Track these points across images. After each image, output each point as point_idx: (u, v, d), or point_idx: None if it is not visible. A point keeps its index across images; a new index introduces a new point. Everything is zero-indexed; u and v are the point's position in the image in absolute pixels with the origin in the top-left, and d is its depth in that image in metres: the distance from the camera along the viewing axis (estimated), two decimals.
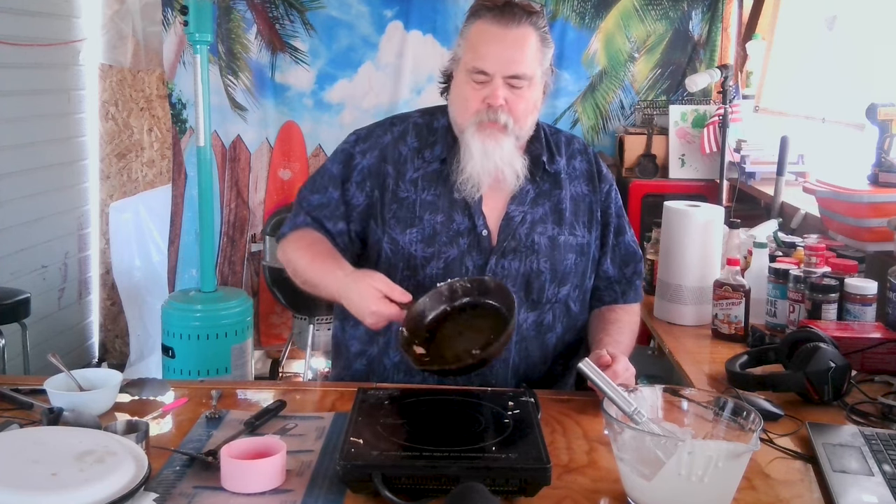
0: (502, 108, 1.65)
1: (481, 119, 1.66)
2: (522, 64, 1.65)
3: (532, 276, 1.72)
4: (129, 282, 4.29)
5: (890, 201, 2.12)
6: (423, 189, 1.75)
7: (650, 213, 3.36)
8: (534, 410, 1.36)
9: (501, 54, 1.64)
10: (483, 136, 1.66)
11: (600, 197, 1.84)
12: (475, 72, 1.65)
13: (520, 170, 1.71)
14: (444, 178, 1.74)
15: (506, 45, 1.64)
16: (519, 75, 1.64)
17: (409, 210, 1.74)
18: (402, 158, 1.77)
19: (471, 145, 1.67)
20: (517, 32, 1.65)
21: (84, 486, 1.08)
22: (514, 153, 1.70)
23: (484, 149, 1.66)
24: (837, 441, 1.36)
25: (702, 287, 2.09)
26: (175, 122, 4.15)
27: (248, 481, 1.20)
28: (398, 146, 1.78)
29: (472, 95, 1.67)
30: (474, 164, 1.67)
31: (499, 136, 1.66)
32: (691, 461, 1.11)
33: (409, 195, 1.75)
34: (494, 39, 1.64)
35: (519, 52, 1.65)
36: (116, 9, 4.17)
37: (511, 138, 1.68)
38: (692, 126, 3.85)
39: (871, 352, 1.72)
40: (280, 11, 4.07)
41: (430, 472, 1.17)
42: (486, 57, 1.64)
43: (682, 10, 4.05)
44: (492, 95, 1.64)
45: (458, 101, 1.71)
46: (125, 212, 4.28)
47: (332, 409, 1.52)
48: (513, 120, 1.66)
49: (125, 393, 1.54)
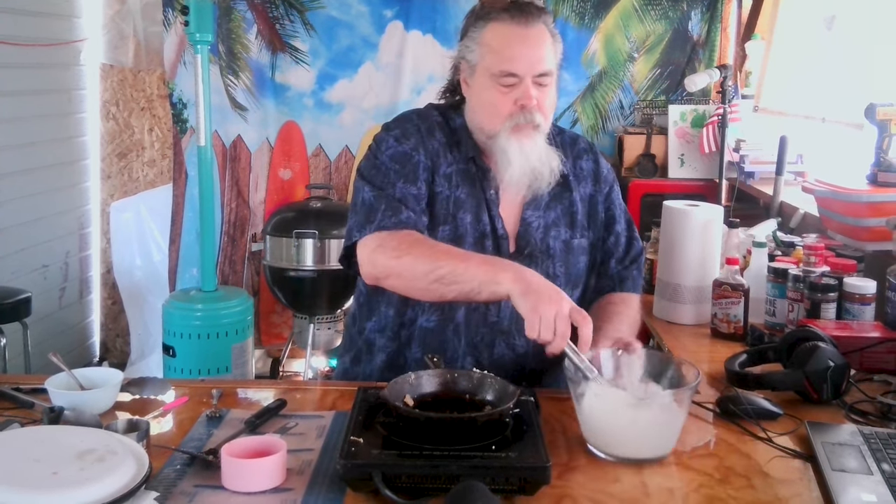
0: (535, 109, 1.64)
1: (517, 122, 1.64)
2: (546, 61, 1.64)
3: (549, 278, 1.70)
4: (129, 281, 4.30)
5: (889, 201, 2.12)
6: (456, 185, 1.71)
7: (649, 213, 3.35)
8: (534, 410, 1.36)
9: (528, 54, 1.62)
10: (520, 137, 1.64)
11: (603, 195, 1.83)
12: (503, 75, 1.63)
13: (556, 168, 1.69)
14: (472, 177, 1.72)
15: (530, 45, 1.63)
16: (546, 72, 1.64)
17: (443, 206, 1.70)
18: (435, 152, 1.72)
19: (508, 149, 1.64)
20: (536, 30, 1.64)
21: (85, 485, 1.08)
22: (550, 151, 1.69)
23: (521, 150, 1.64)
24: (836, 440, 1.36)
25: (701, 286, 2.09)
26: (176, 122, 4.15)
27: (249, 480, 1.20)
28: (430, 141, 1.72)
29: (501, 100, 1.64)
30: (513, 168, 1.65)
31: (533, 134, 1.65)
32: (600, 402, 1.32)
33: (444, 190, 1.71)
34: (518, 40, 1.63)
35: (541, 49, 1.64)
36: (117, 9, 4.17)
37: (542, 136, 1.68)
38: (691, 126, 3.85)
39: (870, 351, 1.72)
40: (280, 11, 4.07)
41: (430, 471, 1.17)
42: (513, 59, 1.62)
43: (682, 10, 4.06)
44: (524, 96, 1.62)
45: (486, 108, 1.67)
46: (126, 211, 4.29)
47: (333, 408, 1.52)
48: (543, 118, 1.66)
49: (126, 392, 1.54)
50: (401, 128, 1.74)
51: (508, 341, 1.73)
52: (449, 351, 1.72)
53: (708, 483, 1.26)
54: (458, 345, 1.72)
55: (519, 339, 1.72)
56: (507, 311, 1.70)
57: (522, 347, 1.73)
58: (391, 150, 1.70)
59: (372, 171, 1.70)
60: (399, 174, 1.67)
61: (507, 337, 1.73)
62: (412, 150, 1.69)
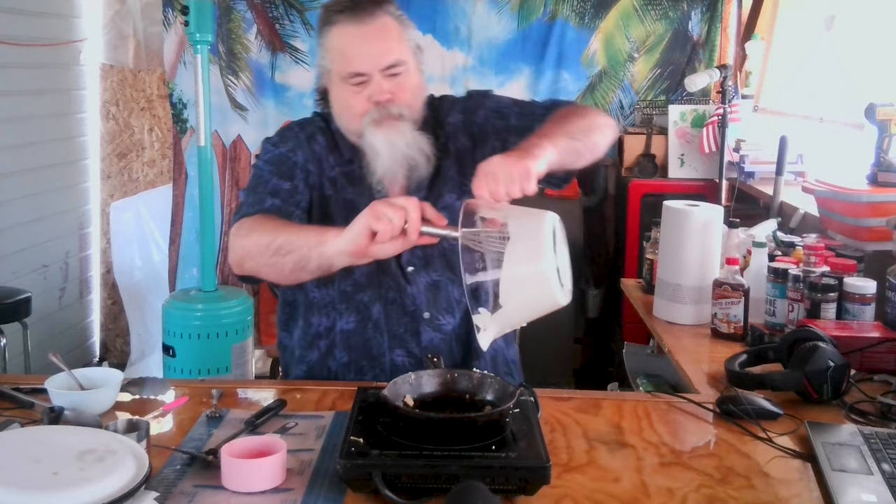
0: (391, 101, 1.64)
1: (374, 117, 1.64)
2: (393, 52, 1.64)
3: (450, 251, 1.68)
4: (129, 281, 4.30)
5: (889, 201, 2.12)
6: (342, 187, 1.73)
7: (649, 213, 3.36)
8: (533, 409, 1.36)
9: (371, 51, 1.62)
10: (384, 129, 1.64)
11: (479, 120, 1.76)
12: (351, 76, 1.63)
13: (429, 151, 1.68)
14: (355, 177, 1.72)
15: (371, 41, 1.63)
16: (395, 63, 1.63)
17: (334, 209, 1.72)
18: (317, 157, 1.75)
19: (374, 142, 1.65)
20: (376, 25, 1.63)
21: (85, 485, 1.08)
22: (418, 136, 1.67)
23: (388, 140, 1.64)
24: (836, 440, 1.36)
25: (701, 286, 2.09)
26: (176, 122, 4.15)
27: (249, 480, 1.20)
28: (312, 145, 1.76)
29: (355, 100, 1.65)
30: (383, 159, 1.65)
31: (397, 124, 1.65)
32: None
33: (332, 193, 1.73)
34: (358, 39, 1.63)
35: (385, 42, 1.63)
36: (117, 9, 4.17)
37: (409, 123, 1.66)
38: (691, 126, 3.85)
39: (870, 351, 1.72)
40: (280, 11, 4.07)
41: (430, 471, 1.17)
42: (357, 58, 1.62)
43: (682, 10, 4.06)
44: (376, 92, 1.63)
45: (345, 110, 1.69)
46: (126, 211, 4.29)
47: (333, 408, 1.52)
48: (405, 107, 1.65)
49: (126, 392, 1.54)
50: (280, 135, 1.80)
51: (433, 323, 1.73)
52: (374, 349, 1.73)
53: (708, 483, 1.25)
54: (381, 341, 1.73)
55: (444, 318, 1.72)
56: (422, 296, 1.71)
57: (450, 325, 1.73)
58: (268, 155, 1.75)
59: (250, 180, 1.75)
60: (273, 173, 1.71)
61: (430, 321, 1.73)
62: (289, 151, 1.74)
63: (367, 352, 1.73)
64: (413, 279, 1.72)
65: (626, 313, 3.63)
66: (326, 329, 1.76)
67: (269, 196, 1.68)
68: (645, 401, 1.57)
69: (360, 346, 1.73)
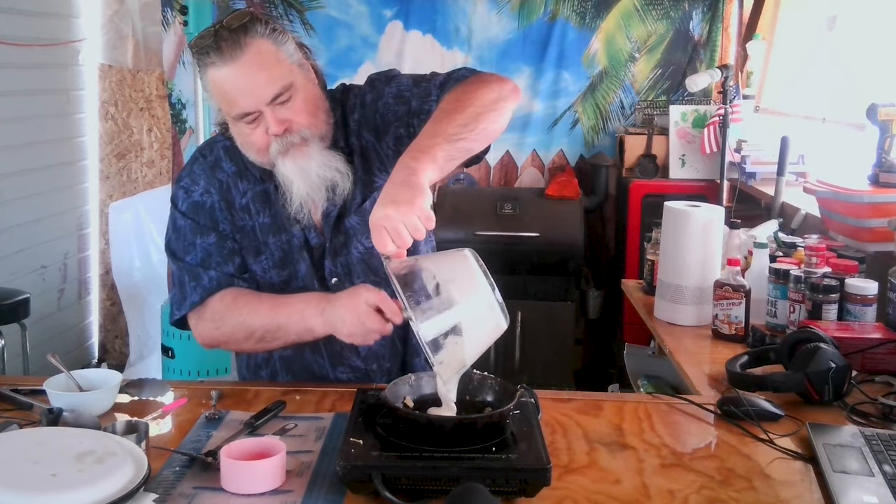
0: (288, 131, 1.54)
1: (278, 149, 1.56)
2: (275, 80, 1.52)
3: (368, 255, 1.66)
4: (128, 282, 4.29)
5: (890, 201, 2.12)
6: (257, 213, 1.67)
7: (650, 214, 3.36)
8: (534, 411, 1.35)
9: (250, 88, 1.50)
10: (292, 157, 1.56)
11: (380, 114, 1.66)
12: (241, 117, 1.53)
13: (342, 167, 1.61)
14: (270, 197, 1.65)
15: (248, 76, 1.50)
16: (279, 92, 1.52)
17: (252, 237, 1.67)
18: (226, 186, 1.68)
19: (286, 172, 1.57)
20: (248, 56, 1.50)
21: (84, 487, 1.08)
22: (328, 154, 1.60)
23: (298, 168, 1.56)
24: (838, 441, 1.36)
25: (702, 287, 2.09)
26: (175, 123, 4.15)
27: (248, 482, 1.20)
28: (216, 175, 1.68)
29: (254, 136, 1.55)
30: (298, 186, 1.58)
31: (303, 149, 1.56)
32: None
33: (247, 222, 1.67)
34: (234, 78, 1.50)
35: (262, 72, 1.51)
36: (116, 9, 4.17)
37: (315, 143, 1.57)
38: (692, 126, 3.85)
39: (872, 352, 1.72)
40: (279, 11, 4.07)
41: (429, 473, 1.17)
42: (239, 99, 1.51)
43: (683, 10, 4.06)
44: (271, 126, 1.52)
45: (247, 146, 1.59)
46: (125, 212, 4.29)
47: (332, 409, 1.52)
48: (305, 129, 1.56)
49: (125, 393, 1.54)
50: (189, 174, 1.71)
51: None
52: (316, 370, 1.72)
53: (709, 484, 1.25)
54: (323, 362, 1.72)
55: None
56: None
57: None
58: (185, 205, 1.70)
59: (172, 239, 1.71)
60: (195, 230, 1.68)
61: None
62: (202, 194, 1.68)
63: (310, 374, 1.72)
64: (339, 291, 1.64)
65: (627, 314, 3.62)
66: (265, 359, 1.76)
67: (202, 269, 1.65)
68: (646, 402, 1.57)
69: (303, 370, 1.73)
